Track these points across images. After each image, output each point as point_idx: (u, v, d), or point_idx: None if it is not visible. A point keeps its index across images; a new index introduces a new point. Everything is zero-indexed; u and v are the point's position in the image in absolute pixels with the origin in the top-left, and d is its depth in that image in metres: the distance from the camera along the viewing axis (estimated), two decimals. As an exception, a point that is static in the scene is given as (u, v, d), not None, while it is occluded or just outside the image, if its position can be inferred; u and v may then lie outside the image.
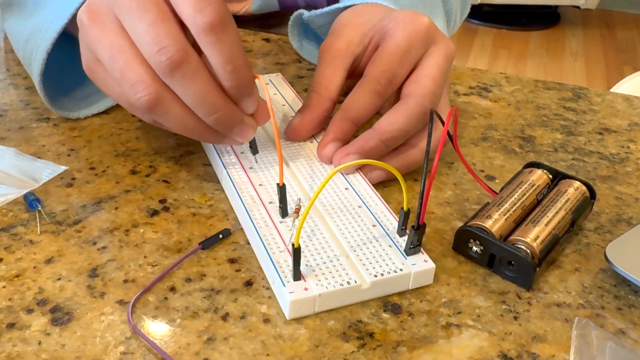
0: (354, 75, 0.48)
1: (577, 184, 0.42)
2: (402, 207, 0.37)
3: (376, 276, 0.35)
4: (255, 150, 0.43)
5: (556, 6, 2.97)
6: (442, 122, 0.38)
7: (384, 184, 0.44)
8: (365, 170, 0.43)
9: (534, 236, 0.37)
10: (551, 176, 0.43)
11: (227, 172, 0.42)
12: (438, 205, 0.43)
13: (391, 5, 0.50)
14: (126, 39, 0.37)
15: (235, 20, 0.37)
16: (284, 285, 0.34)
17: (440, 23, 0.55)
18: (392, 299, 0.36)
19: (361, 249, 0.36)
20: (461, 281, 0.37)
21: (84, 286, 0.35)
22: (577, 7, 2.88)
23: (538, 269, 0.36)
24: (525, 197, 0.41)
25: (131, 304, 0.34)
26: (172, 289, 0.35)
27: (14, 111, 0.51)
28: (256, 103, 0.39)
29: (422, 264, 0.36)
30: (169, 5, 0.36)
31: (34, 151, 0.46)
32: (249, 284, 0.36)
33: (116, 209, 0.41)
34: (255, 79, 0.39)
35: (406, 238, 0.37)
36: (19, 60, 0.58)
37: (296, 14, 0.58)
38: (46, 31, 0.46)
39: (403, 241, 0.37)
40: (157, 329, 0.33)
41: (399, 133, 0.42)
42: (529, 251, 0.37)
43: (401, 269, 0.35)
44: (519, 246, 0.37)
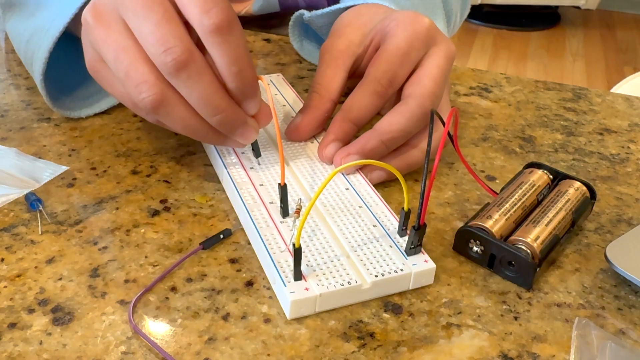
0: (355, 75, 0.48)
1: (578, 184, 0.42)
2: (403, 208, 0.37)
3: (377, 276, 0.35)
4: (258, 153, 0.43)
5: (556, 7, 2.97)
6: (442, 123, 0.38)
7: (384, 184, 0.44)
8: (366, 171, 0.43)
9: (534, 236, 0.37)
10: (551, 176, 0.43)
11: (228, 172, 0.42)
12: (438, 206, 0.43)
13: (392, 6, 0.50)
14: (131, 39, 0.37)
15: None
16: (284, 285, 0.34)
17: (441, 24, 0.55)
18: (392, 299, 0.36)
19: (362, 249, 0.36)
20: (462, 281, 0.37)
21: (85, 286, 0.35)
22: (578, 7, 2.88)
23: (538, 269, 0.36)
24: (526, 197, 0.41)
25: (132, 303, 0.34)
26: (173, 289, 0.35)
27: (15, 111, 0.51)
28: (259, 104, 0.39)
29: (423, 264, 0.36)
30: (174, 6, 0.36)
31: (35, 151, 0.46)
32: (249, 284, 0.36)
33: (117, 209, 0.41)
34: (258, 80, 0.39)
35: (407, 238, 0.37)
36: (20, 61, 0.58)
37: (297, 14, 0.58)
38: (48, 30, 0.46)
39: (404, 241, 0.37)
40: (158, 328, 0.33)
41: (400, 133, 0.42)
42: (529, 251, 0.37)
43: (402, 269, 0.35)
44: (520, 246, 0.37)
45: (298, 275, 0.34)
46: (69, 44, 0.47)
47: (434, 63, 0.44)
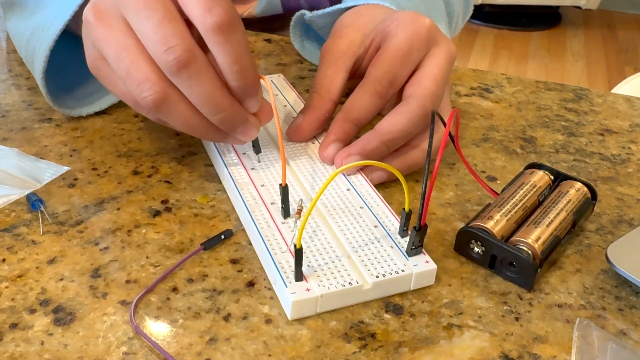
0: (356, 76, 0.48)
1: (579, 185, 0.42)
2: (404, 208, 0.37)
3: (378, 277, 0.35)
4: (258, 149, 0.43)
5: (557, 7, 2.97)
6: (443, 123, 0.38)
7: (385, 185, 0.44)
8: (367, 171, 0.43)
9: (535, 237, 0.37)
10: (552, 177, 0.43)
11: (229, 172, 0.42)
12: (439, 206, 0.43)
13: (393, 7, 0.50)
14: (132, 38, 0.37)
15: None
16: (285, 286, 0.34)
17: (442, 25, 0.55)
18: (393, 299, 0.36)
19: (363, 250, 0.36)
20: (462, 282, 0.37)
21: (86, 286, 0.35)
22: (579, 7, 2.88)
23: (539, 269, 0.36)
24: (527, 198, 0.41)
25: (133, 304, 0.34)
26: (174, 290, 0.35)
27: (17, 112, 0.51)
28: (260, 103, 0.40)
29: (424, 264, 0.36)
30: (175, 5, 0.36)
31: (36, 152, 0.46)
32: (250, 284, 0.36)
33: (118, 209, 0.41)
34: (260, 79, 0.39)
35: (408, 239, 0.37)
36: (21, 61, 0.59)
37: (298, 14, 0.58)
38: (48, 29, 0.46)
39: (405, 242, 0.37)
40: (160, 329, 0.33)
41: (401, 134, 0.42)
42: (530, 252, 0.37)
43: (403, 270, 0.35)
44: (521, 247, 0.37)
45: (299, 276, 0.34)
46: (70, 42, 0.47)
47: (435, 63, 0.44)
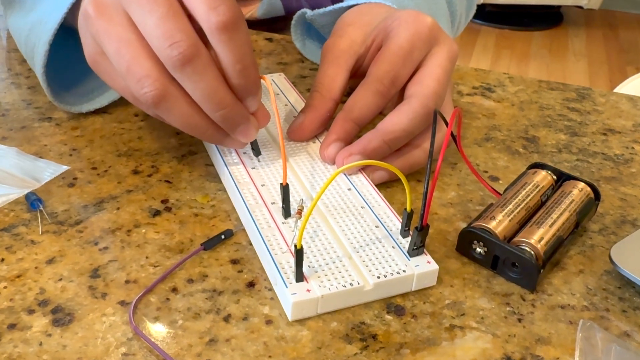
0: (357, 75, 0.48)
1: (582, 185, 0.42)
2: (405, 208, 0.37)
3: (379, 277, 0.35)
4: (258, 152, 0.43)
5: (559, 6, 2.97)
6: (445, 123, 0.38)
7: (387, 185, 0.44)
8: (368, 171, 0.43)
9: (538, 237, 0.37)
10: (555, 177, 0.43)
11: (230, 172, 0.42)
12: (441, 206, 0.43)
13: (394, 6, 0.50)
14: (134, 33, 0.36)
15: None
16: (286, 287, 0.33)
17: (444, 24, 0.55)
18: (395, 300, 0.35)
19: (364, 250, 0.36)
20: (465, 283, 0.37)
21: (85, 287, 0.35)
22: (580, 7, 2.87)
23: (542, 270, 0.36)
24: (529, 198, 0.40)
25: (133, 304, 0.34)
26: (174, 290, 0.35)
27: (16, 111, 0.51)
28: (259, 102, 0.39)
29: (426, 265, 0.36)
30: (178, 0, 0.36)
31: (35, 151, 0.46)
32: (251, 285, 0.36)
33: (118, 209, 0.41)
34: (261, 79, 0.39)
35: (409, 239, 0.37)
36: (22, 60, 0.58)
37: (299, 13, 0.57)
38: (46, 23, 0.46)
39: (406, 242, 0.37)
40: (159, 330, 0.33)
41: (402, 134, 0.42)
42: (533, 253, 0.36)
43: (404, 271, 0.35)
44: (523, 248, 0.37)
45: (300, 277, 0.34)
46: (69, 39, 0.47)
47: (437, 62, 0.44)
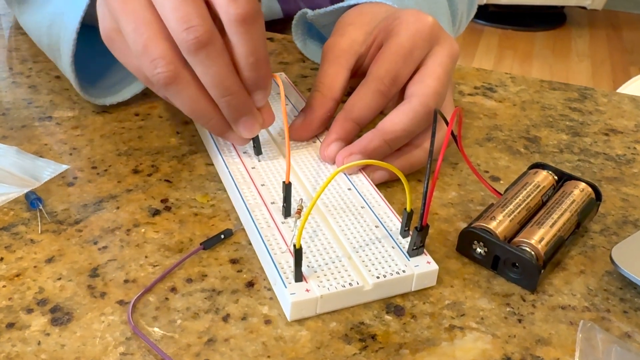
0: (358, 74, 0.48)
1: (583, 185, 0.41)
2: (405, 208, 0.36)
3: (379, 277, 0.34)
4: (259, 151, 0.43)
5: (562, 7, 2.96)
6: (446, 122, 0.38)
7: (387, 185, 0.44)
8: (368, 171, 0.43)
9: (538, 238, 0.37)
10: (556, 177, 0.43)
11: (229, 171, 0.41)
12: (442, 206, 0.43)
13: (395, 5, 0.50)
14: (152, 13, 0.37)
15: None
16: (285, 287, 0.33)
17: (445, 23, 0.55)
18: (394, 300, 0.35)
19: (364, 250, 0.36)
20: (465, 283, 0.37)
21: (84, 286, 0.35)
22: (584, 7, 2.87)
23: (543, 271, 0.36)
24: (530, 198, 0.40)
25: (131, 304, 0.34)
26: (173, 290, 0.35)
27: (17, 110, 0.51)
28: (267, 98, 0.40)
29: (425, 265, 0.35)
30: None
31: (35, 150, 0.46)
32: (250, 284, 0.36)
33: (117, 208, 0.41)
34: (272, 77, 0.40)
35: (409, 239, 0.36)
36: (22, 59, 0.58)
37: (300, 13, 0.57)
38: (69, 13, 0.46)
39: (406, 242, 0.37)
40: (158, 329, 0.33)
41: (403, 133, 0.42)
42: (533, 253, 0.36)
43: (404, 271, 0.35)
44: (524, 248, 0.37)
45: (299, 277, 0.34)
46: (89, 35, 0.47)
47: (438, 62, 0.44)
